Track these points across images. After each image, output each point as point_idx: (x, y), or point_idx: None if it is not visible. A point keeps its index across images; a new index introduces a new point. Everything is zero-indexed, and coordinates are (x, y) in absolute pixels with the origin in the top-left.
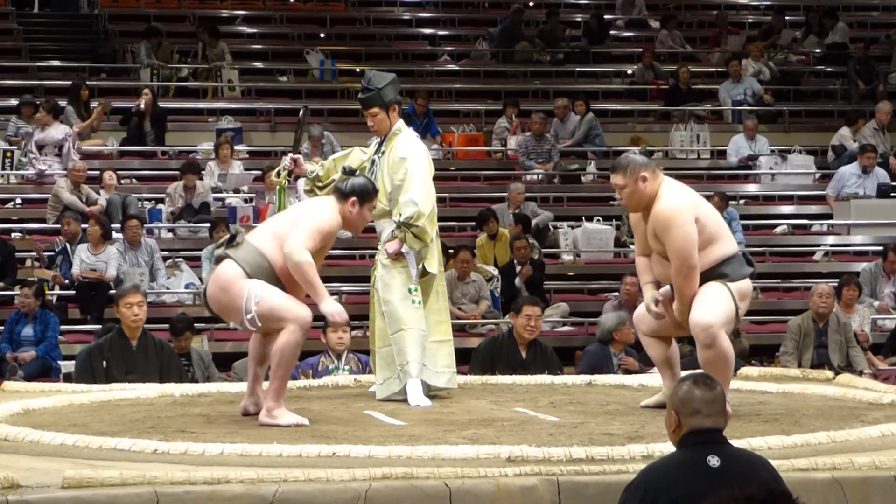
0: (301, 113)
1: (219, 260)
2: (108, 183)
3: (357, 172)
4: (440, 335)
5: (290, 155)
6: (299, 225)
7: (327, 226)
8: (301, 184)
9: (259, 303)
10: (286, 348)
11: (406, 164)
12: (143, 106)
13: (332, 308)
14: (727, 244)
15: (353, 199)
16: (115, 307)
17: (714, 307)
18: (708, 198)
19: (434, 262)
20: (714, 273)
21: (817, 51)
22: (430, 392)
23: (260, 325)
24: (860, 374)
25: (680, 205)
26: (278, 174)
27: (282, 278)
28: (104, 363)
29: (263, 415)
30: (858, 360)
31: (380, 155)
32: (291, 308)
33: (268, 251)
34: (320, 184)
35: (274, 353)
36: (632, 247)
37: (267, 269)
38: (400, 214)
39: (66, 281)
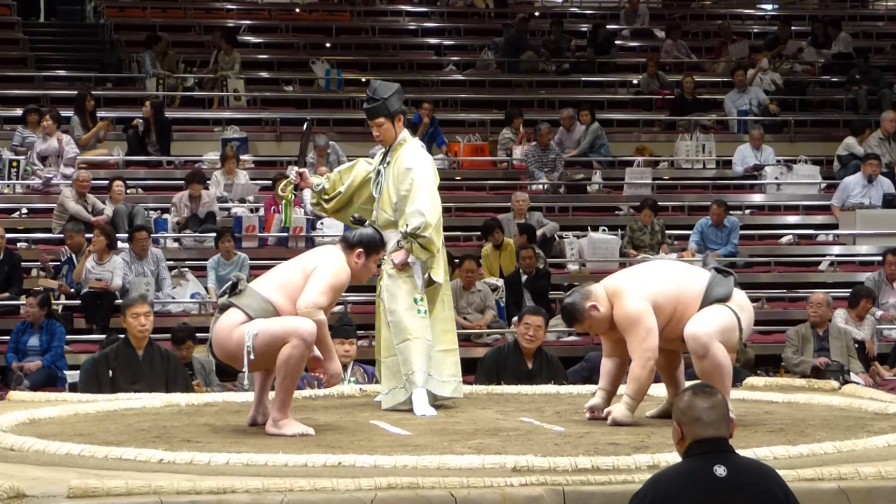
0: (305, 126)
1: (223, 309)
2: (116, 193)
3: (367, 223)
4: (446, 344)
5: (296, 169)
6: (313, 281)
7: (340, 282)
8: (307, 196)
9: (257, 335)
10: (290, 361)
11: (412, 175)
12: (141, 122)
13: (338, 369)
14: (697, 281)
15: (360, 250)
16: (122, 317)
17: (709, 320)
18: (708, 206)
19: (440, 272)
20: (708, 304)
21: (822, 61)
22: (436, 402)
23: (253, 357)
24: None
25: (635, 305)
26: (283, 188)
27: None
28: (110, 373)
29: (269, 425)
30: (855, 367)
31: (385, 165)
32: (291, 324)
33: (274, 298)
34: (326, 196)
35: (279, 367)
36: (635, 256)
37: (272, 314)
38: (407, 225)
39: (72, 290)
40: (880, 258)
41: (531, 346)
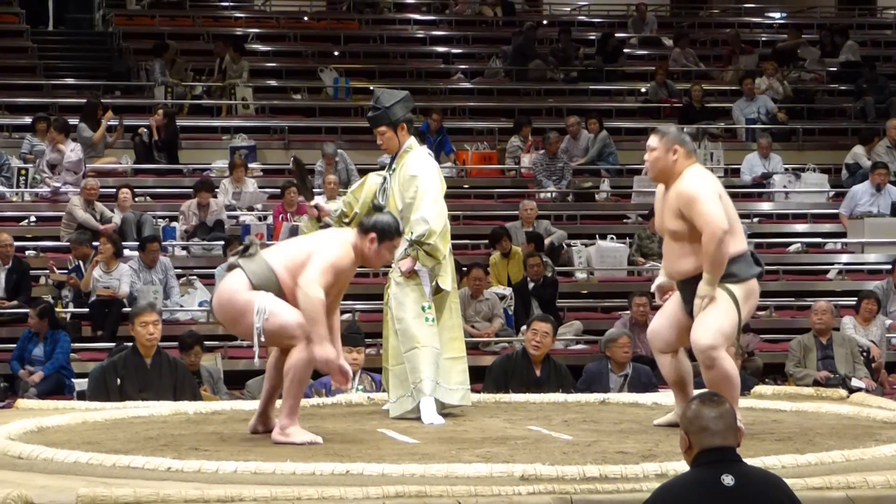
0: (292, 162)
1: (230, 268)
2: (123, 201)
3: (386, 209)
4: (453, 352)
5: (311, 204)
6: (315, 257)
7: (342, 263)
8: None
9: (268, 318)
10: (298, 366)
11: (417, 182)
12: (145, 131)
13: (325, 354)
14: (738, 242)
15: (372, 235)
16: (131, 325)
17: (715, 325)
18: None
19: (447, 279)
20: (727, 269)
21: (832, 69)
22: (444, 410)
23: (265, 339)
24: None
25: (705, 183)
26: (307, 226)
27: (288, 299)
28: (118, 380)
29: (277, 433)
30: (860, 373)
31: (391, 173)
32: (302, 326)
33: (278, 270)
34: (346, 220)
35: (286, 372)
36: (643, 265)
37: (274, 284)
38: (412, 233)
39: (80, 283)
40: (889, 266)
41: (538, 353)
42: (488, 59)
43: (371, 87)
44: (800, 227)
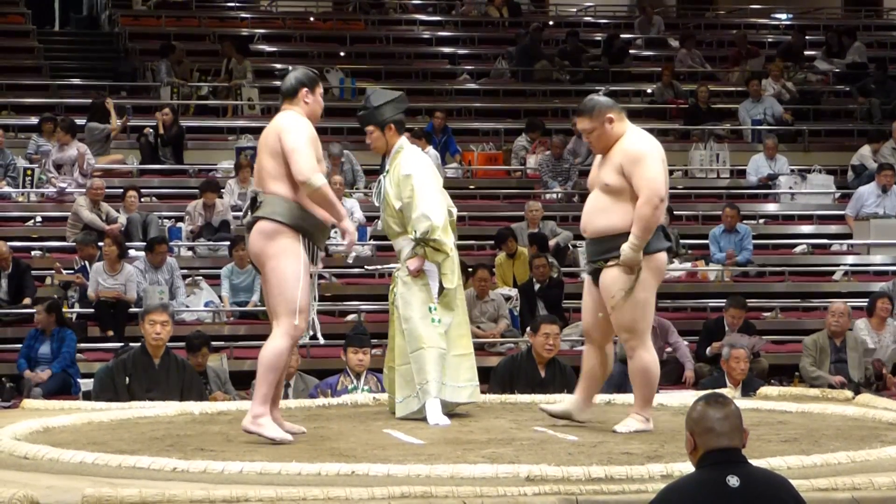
0: None
1: (249, 227)
2: (129, 202)
3: (290, 68)
4: (461, 349)
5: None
6: (290, 155)
7: (307, 136)
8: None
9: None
10: (273, 353)
11: (411, 181)
12: (151, 132)
13: (350, 227)
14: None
15: (304, 90)
16: (140, 323)
17: (630, 317)
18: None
19: (451, 277)
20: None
21: (836, 70)
22: (452, 410)
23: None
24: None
25: (651, 146)
26: None
27: (307, 207)
28: (126, 378)
29: (248, 421)
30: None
31: (385, 174)
32: (292, 312)
33: (284, 192)
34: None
35: (260, 360)
36: None
37: (296, 207)
38: (416, 231)
39: (87, 282)
40: (894, 268)
41: (551, 356)
42: (494, 60)
43: (377, 88)
44: (806, 229)
